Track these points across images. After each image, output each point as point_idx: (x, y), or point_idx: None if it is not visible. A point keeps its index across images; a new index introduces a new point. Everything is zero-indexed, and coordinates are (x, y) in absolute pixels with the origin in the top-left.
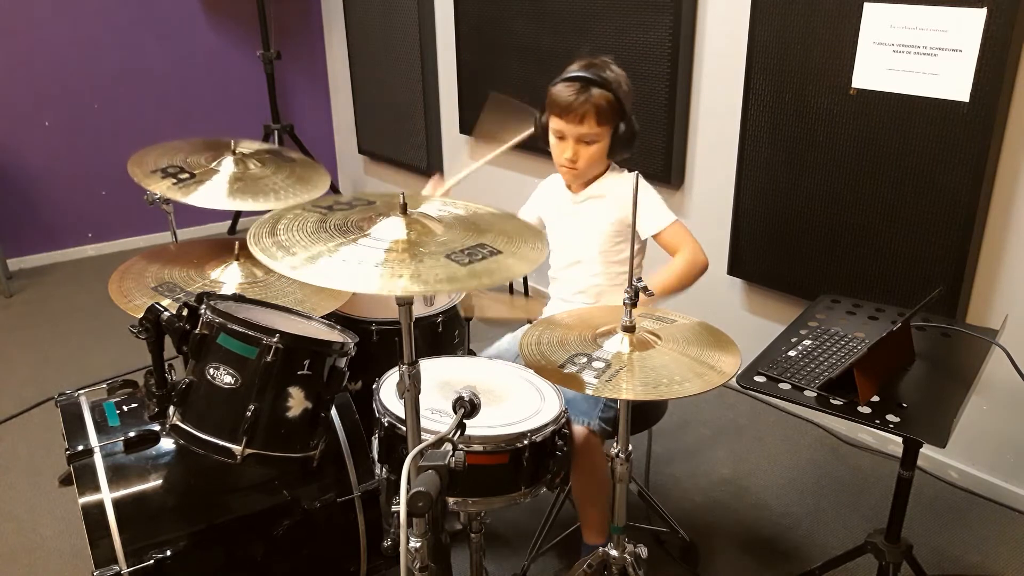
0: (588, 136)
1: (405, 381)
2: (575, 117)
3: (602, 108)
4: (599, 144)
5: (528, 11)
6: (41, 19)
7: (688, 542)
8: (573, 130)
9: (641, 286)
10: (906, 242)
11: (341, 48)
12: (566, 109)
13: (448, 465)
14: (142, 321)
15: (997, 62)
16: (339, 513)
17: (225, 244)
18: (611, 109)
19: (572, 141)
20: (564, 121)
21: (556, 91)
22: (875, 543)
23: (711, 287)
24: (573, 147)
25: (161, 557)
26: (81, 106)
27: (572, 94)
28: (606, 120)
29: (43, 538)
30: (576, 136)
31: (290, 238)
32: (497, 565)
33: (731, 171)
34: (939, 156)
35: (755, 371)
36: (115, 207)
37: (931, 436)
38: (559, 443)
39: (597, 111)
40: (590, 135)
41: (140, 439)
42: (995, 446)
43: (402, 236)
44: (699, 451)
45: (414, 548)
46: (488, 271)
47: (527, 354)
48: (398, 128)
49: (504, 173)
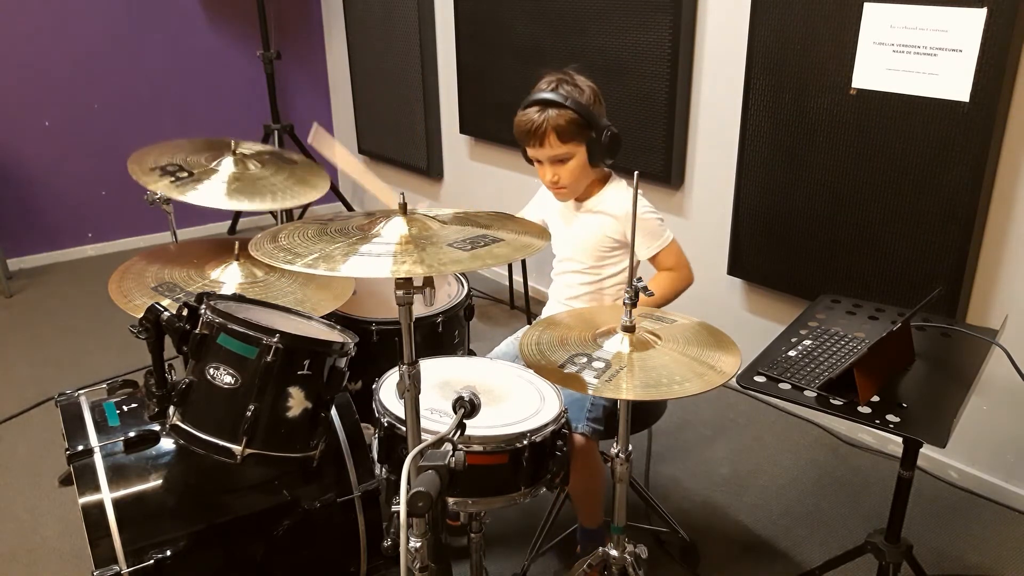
0: (558, 156)
1: (405, 381)
2: (537, 141)
3: (561, 127)
4: (575, 159)
5: (528, 11)
6: (41, 19)
7: (688, 542)
8: (542, 153)
9: (641, 286)
10: (906, 242)
11: (341, 48)
12: (526, 137)
13: (448, 465)
14: (142, 321)
15: (997, 62)
16: (339, 513)
17: (225, 244)
18: (571, 125)
19: (548, 164)
20: (530, 148)
21: (517, 120)
22: (875, 543)
23: (711, 287)
24: (551, 170)
25: (161, 557)
26: (81, 106)
27: (527, 120)
28: (569, 137)
29: (43, 538)
30: (548, 158)
31: (298, 244)
32: (497, 565)
33: (731, 171)
34: (939, 156)
35: (755, 371)
36: (115, 207)
37: (931, 436)
38: (559, 443)
39: (557, 131)
40: (559, 155)
41: (140, 439)
42: (995, 446)
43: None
44: (699, 451)
45: (414, 548)
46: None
47: (527, 354)
48: (398, 128)
49: (505, 174)
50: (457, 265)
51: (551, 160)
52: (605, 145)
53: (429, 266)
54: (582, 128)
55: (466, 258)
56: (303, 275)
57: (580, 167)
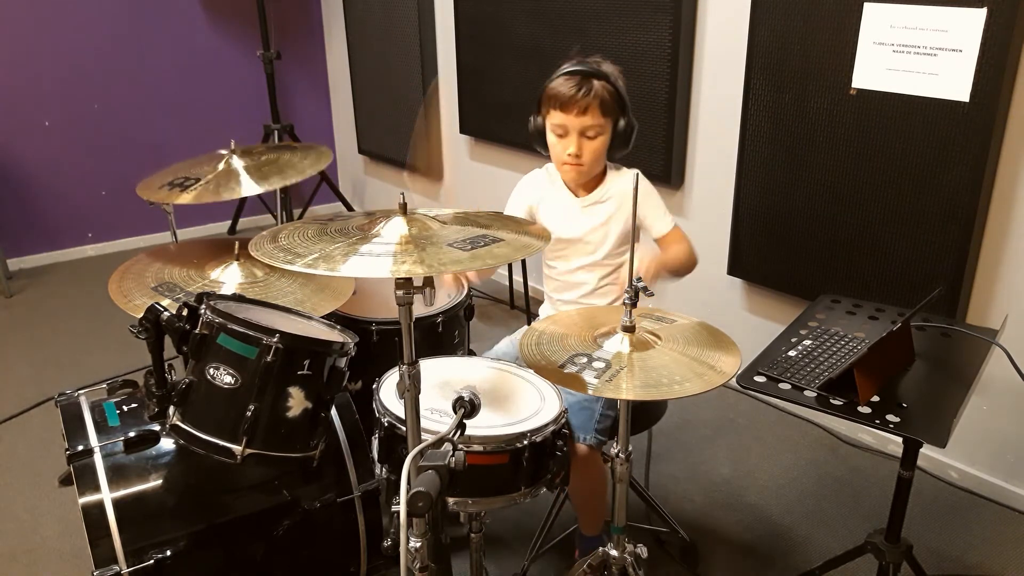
0: (592, 129)
1: (405, 381)
2: (578, 109)
3: (605, 99)
4: (602, 138)
5: (528, 11)
6: (41, 19)
7: (688, 542)
8: (576, 123)
9: (641, 286)
10: (906, 242)
11: (341, 48)
12: (568, 102)
13: (448, 465)
14: (142, 321)
15: (997, 62)
16: (339, 513)
17: (225, 244)
18: (613, 100)
19: (575, 135)
20: (566, 114)
21: (556, 85)
22: (875, 543)
23: (711, 287)
24: (577, 141)
25: (161, 557)
26: (81, 106)
27: (573, 86)
28: (609, 112)
29: (43, 538)
30: (580, 129)
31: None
32: (497, 565)
33: (731, 171)
34: (939, 156)
35: (755, 371)
36: (115, 207)
37: (931, 436)
38: (559, 443)
39: (601, 102)
40: (594, 127)
41: (140, 439)
42: (995, 446)
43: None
44: (699, 451)
45: (414, 548)
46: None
47: (527, 354)
48: (398, 128)
49: (505, 174)
50: (457, 265)
51: (582, 131)
52: (627, 134)
53: (429, 266)
54: (618, 107)
55: (466, 258)
56: (303, 275)
57: (603, 147)
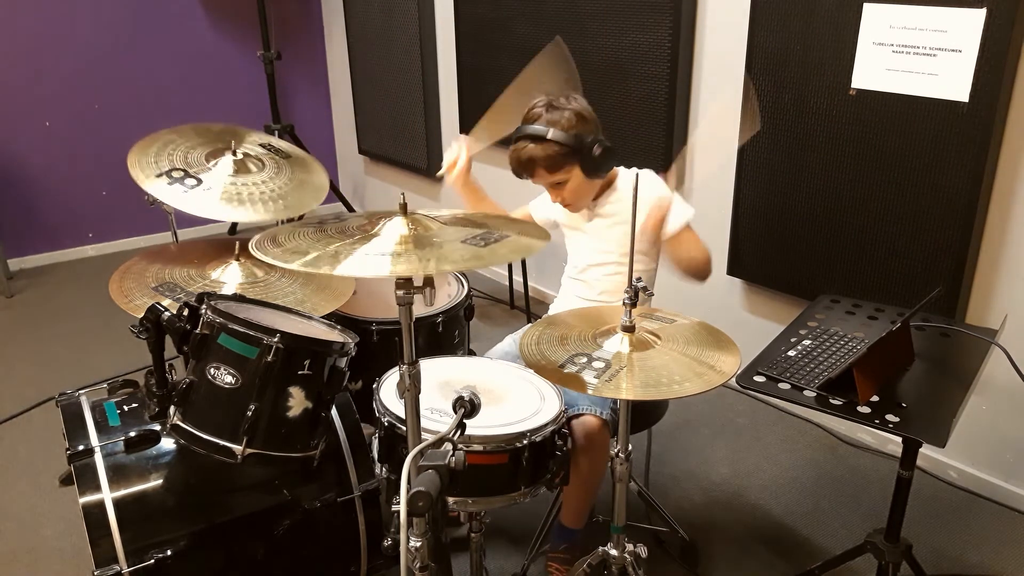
0: (552, 181)
1: (405, 381)
2: (528, 174)
3: (542, 159)
4: (572, 181)
5: (528, 11)
6: (42, 20)
7: (688, 542)
8: (541, 182)
9: (641, 286)
10: (906, 242)
11: (341, 48)
12: (517, 171)
13: (448, 465)
14: (143, 321)
15: (996, 62)
16: (339, 513)
17: (225, 244)
18: (556, 155)
19: (550, 188)
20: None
21: (508, 156)
22: (875, 543)
23: (711, 287)
24: (554, 191)
25: (162, 557)
26: (81, 106)
27: (515, 157)
28: (555, 166)
29: (43, 538)
30: (548, 184)
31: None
32: (497, 565)
33: (731, 171)
34: (939, 156)
35: (755, 371)
36: (115, 207)
37: (931, 436)
38: (559, 443)
39: (547, 162)
40: (553, 181)
41: (141, 439)
42: (995, 446)
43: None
44: (699, 451)
45: (414, 548)
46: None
47: (527, 354)
48: (398, 128)
49: (505, 173)
50: (457, 265)
51: (551, 185)
52: (598, 160)
53: (429, 266)
54: (569, 154)
55: (466, 258)
56: (303, 275)
57: (579, 185)
